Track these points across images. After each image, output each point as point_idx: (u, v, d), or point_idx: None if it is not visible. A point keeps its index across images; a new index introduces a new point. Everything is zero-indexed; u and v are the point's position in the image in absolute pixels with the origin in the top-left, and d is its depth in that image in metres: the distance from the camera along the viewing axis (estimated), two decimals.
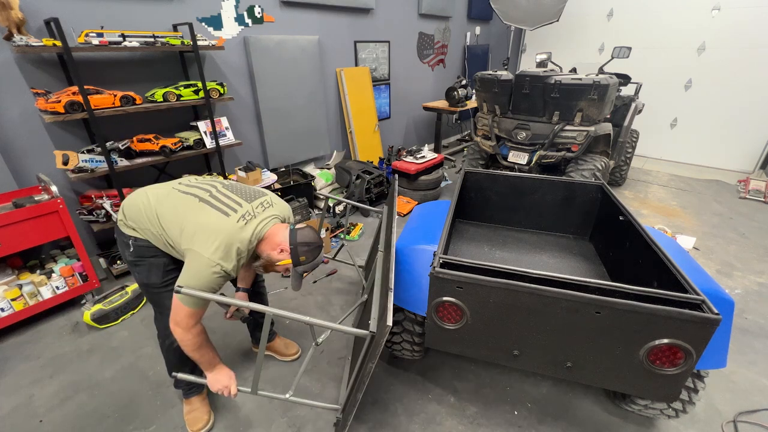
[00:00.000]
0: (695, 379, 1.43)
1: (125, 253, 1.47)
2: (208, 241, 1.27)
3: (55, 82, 2.37)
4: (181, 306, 1.28)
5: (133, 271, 1.50)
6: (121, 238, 1.47)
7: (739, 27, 4.55)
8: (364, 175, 3.71)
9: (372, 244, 2.42)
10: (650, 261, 1.47)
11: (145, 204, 1.40)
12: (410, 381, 1.91)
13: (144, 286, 1.50)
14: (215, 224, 1.31)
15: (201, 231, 1.29)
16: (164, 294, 1.48)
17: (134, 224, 1.41)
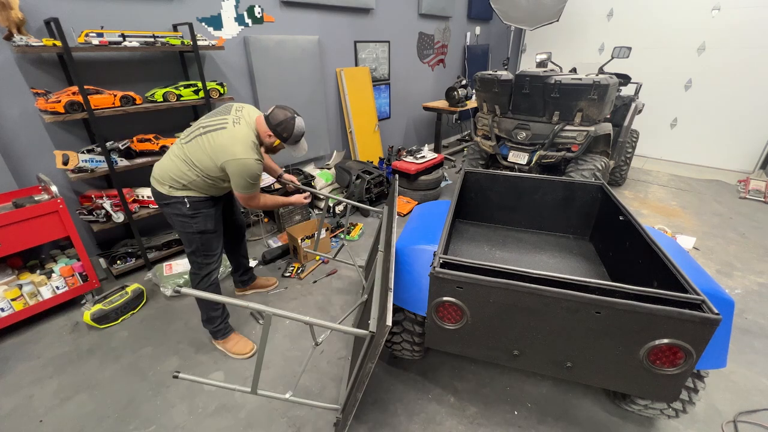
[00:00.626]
0: (695, 379, 1.43)
1: (181, 210, 1.80)
2: (234, 148, 1.69)
3: (55, 82, 2.37)
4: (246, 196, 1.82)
5: (188, 224, 1.82)
6: (174, 201, 1.79)
7: (739, 27, 4.55)
8: (364, 175, 3.71)
9: (372, 244, 2.42)
10: (650, 261, 1.47)
11: (179, 160, 1.75)
12: (410, 381, 1.91)
13: (200, 233, 1.85)
14: (227, 138, 1.70)
15: (223, 148, 1.69)
16: (213, 238, 1.91)
17: (183, 180, 1.75)
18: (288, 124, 1.78)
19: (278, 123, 1.77)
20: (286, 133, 1.79)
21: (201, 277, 1.93)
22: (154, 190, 1.83)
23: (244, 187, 1.76)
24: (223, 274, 2.71)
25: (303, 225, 3.03)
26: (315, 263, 2.90)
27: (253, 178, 1.75)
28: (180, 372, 1.44)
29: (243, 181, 1.74)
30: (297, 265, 2.84)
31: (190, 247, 1.89)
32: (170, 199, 1.79)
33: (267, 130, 1.79)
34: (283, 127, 1.78)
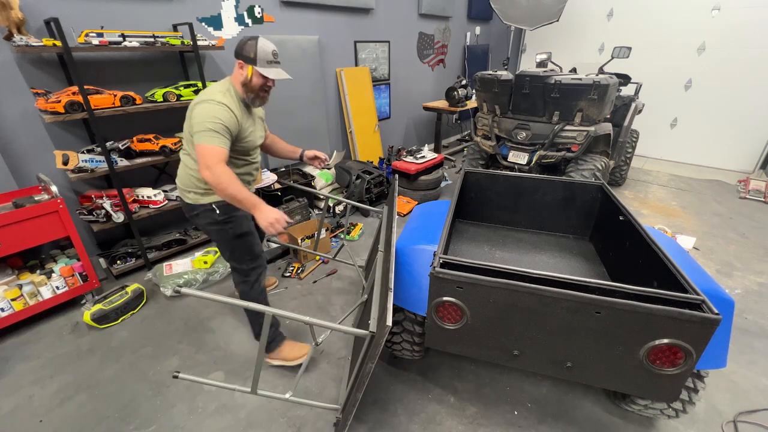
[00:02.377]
0: (695, 379, 1.43)
1: (213, 218, 1.69)
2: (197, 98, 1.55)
3: (55, 82, 2.37)
4: (202, 147, 1.47)
5: (224, 230, 1.73)
6: (202, 209, 1.69)
7: (739, 27, 4.55)
8: (364, 175, 3.71)
9: (372, 244, 2.42)
10: (650, 261, 1.47)
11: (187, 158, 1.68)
12: (410, 381, 1.91)
13: (238, 237, 1.75)
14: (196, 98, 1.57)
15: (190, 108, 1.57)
16: (253, 240, 1.80)
17: (203, 183, 1.63)
18: (249, 43, 1.57)
19: (241, 46, 1.58)
20: (252, 52, 1.57)
21: (251, 285, 1.83)
22: (182, 202, 1.75)
23: (200, 132, 1.46)
24: (222, 275, 2.71)
25: (303, 225, 3.03)
26: (315, 263, 2.90)
27: (212, 120, 1.47)
28: (180, 372, 1.44)
29: (201, 123, 1.46)
30: (297, 265, 2.84)
31: (233, 255, 1.80)
32: (198, 208, 1.70)
33: (237, 64, 1.61)
34: (246, 48, 1.57)
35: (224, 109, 1.51)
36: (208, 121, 1.47)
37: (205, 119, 1.47)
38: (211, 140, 1.47)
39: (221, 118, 1.49)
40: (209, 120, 1.47)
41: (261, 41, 1.58)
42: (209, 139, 1.47)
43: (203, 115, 1.48)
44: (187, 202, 1.72)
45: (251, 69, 1.59)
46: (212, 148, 1.47)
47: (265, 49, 1.58)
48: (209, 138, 1.47)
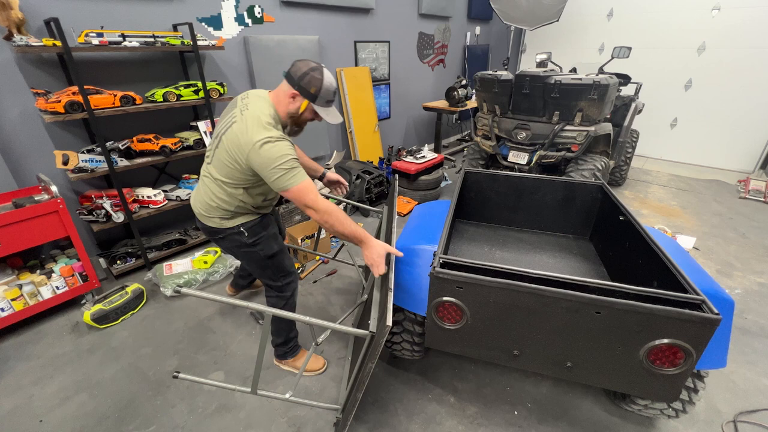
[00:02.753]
0: (695, 379, 1.43)
1: (240, 241, 1.60)
2: (249, 135, 1.35)
3: (55, 82, 2.37)
4: (292, 191, 1.35)
5: (254, 252, 1.64)
6: (229, 233, 1.59)
7: (739, 27, 4.55)
8: (364, 175, 3.71)
9: None
10: (650, 261, 1.47)
11: (214, 185, 1.53)
12: (410, 381, 1.91)
13: (269, 258, 1.66)
14: (240, 129, 1.38)
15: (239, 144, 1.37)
16: (283, 257, 1.72)
17: (231, 207, 1.53)
18: (314, 75, 1.40)
19: (302, 75, 1.39)
20: (314, 86, 1.40)
21: (286, 300, 1.76)
22: (202, 224, 1.63)
23: (281, 177, 1.34)
24: (223, 275, 2.71)
25: (303, 225, 3.03)
26: (315, 263, 2.90)
27: (283, 159, 1.33)
28: (180, 372, 1.44)
29: (275, 169, 1.33)
30: (297, 265, 2.84)
31: (264, 274, 1.73)
32: (224, 231, 1.59)
33: (288, 91, 1.42)
34: (308, 80, 1.39)
35: (284, 142, 1.36)
36: (282, 164, 1.33)
37: (277, 163, 1.33)
38: (294, 180, 1.35)
39: (288, 153, 1.35)
40: (281, 162, 1.33)
41: (326, 77, 1.43)
42: (295, 179, 1.35)
43: (272, 158, 1.33)
44: (208, 225, 1.60)
45: (306, 104, 1.45)
46: (303, 187, 1.36)
47: (328, 88, 1.44)
48: (292, 178, 1.35)
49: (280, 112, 1.46)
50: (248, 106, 1.42)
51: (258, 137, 1.33)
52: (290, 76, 1.42)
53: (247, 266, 1.84)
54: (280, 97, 1.45)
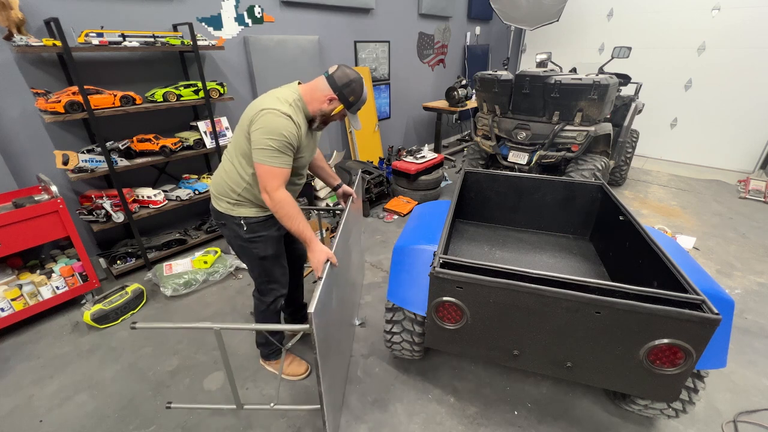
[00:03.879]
0: (695, 379, 1.43)
1: (238, 233, 1.59)
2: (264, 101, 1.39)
3: (55, 82, 2.37)
4: (262, 168, 1.35)
5: (247, 248, 1.61)
6: (231, 222, 1.58)
7: (739, 27, 4.55)
8: (364, 175, 3.71)
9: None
10: (650, 261, 1.47)
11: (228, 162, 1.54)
12: (410, 381, 1.91)
13: (260, 259, 1.64)
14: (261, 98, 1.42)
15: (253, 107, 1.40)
16: (275, 264, 1.69)
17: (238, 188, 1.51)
18: (357, 86, 1.46)
19: (346, 83, 1.43)
20: (354, 96, 1.46)
21: (266, 305, 1.75)
22: (212, 206, 1.63)
23: (263, 150, 1.32)
24: (223, 275, 2.71)
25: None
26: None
27: (276, 136, 1.31)
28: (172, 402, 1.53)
29: (262, 139, 1.32)
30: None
31: (252, 272, 1.73)
32: (227, 218, 1.58)
33: (327, 93, 1.44)
34: (351, 89, 1.44)
35: (289, 123, 1.35)
36: (272, 138, 1.32)
37: (268, 135, 1.32)
38: (272, 160, 1.34)
39: (285, 134, 1.33)
40: (273, 136, 1.32)
41: (365, 90, 1.50)
42: (271, 159, 1.34)
43: (266, 128, 1.32)
44: (216, 209, 1.61)
45: (341, 108, 1.49)
46: (273, 170, 1.35)
47: (364, 100, 1.51)
48: (271, 158, 1.34)
49: (312, 107, 1.47)
50: (280, 89, 1.47)
51: (267, 106, 1.35)
52: (333, 80, 1.44)
53: (240, 259, 1.83)
54: (316, 95, 1.46)
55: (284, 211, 1.40)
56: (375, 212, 3.81)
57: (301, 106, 1.44)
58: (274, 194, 1.37)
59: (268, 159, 1.34)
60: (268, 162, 1.34)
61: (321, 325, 1.23)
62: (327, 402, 1.34)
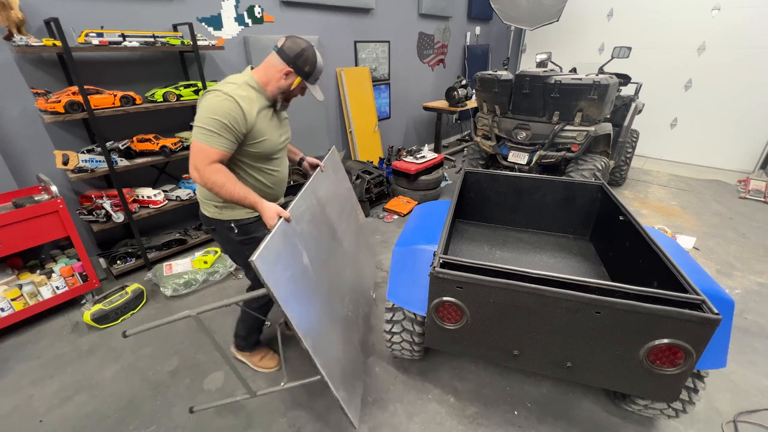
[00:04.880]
0: (695, 379, 1.43)
1: (230, 236, 1.56)
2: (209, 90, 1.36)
3: (55, 82, 2.37)
4: (194, 144, 1.32)
5: (241, 251, 1.58)
6: (221, 226, 1.56)
7: (739, 27, 4.55)
8: (364, 175, 3.71)
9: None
10: (650, 261, 1.47)
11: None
12: (410, 381, 1.91)
13: None
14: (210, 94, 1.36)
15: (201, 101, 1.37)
16: None
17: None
18: (310, 53, 1.41)
19: (299, 53, 1.39)
20: (309, 65, 1.42)
21: (260, 303, 1.74)
22: (201, 212, 1.61)
23: (198, 129, 1.31)
24: (223, 275, 2.71)
25: None
26: None
27: (213, 115, 1.29)
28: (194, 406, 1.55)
29: (200, 117, 1.31)
30: None
31: (249, 273, 1.72)
32: (216, 223, 1.56)
33: (282, 68, 1.41)
34: (304, 58, 1.40)
35: (231, 104, 1.32)
36: (208, 117, 1.30)
37: (205, 113, 1.31)
38: (205, 138, 1.31)
39: (222, 114, 1.30)
40: (210, 115, 1.30)
41: (319, 58, 1.46)
42: (204, 137, 1.31)
43: (204, 107, 1.32)
44: (204, 215, 1.58)
45: (299, 81, 1.45)
46: (204, 148, 1.32)
47: (319, 68, 1.47)
48: (204, 135, 1.31)
49: (269, 88, 1.45)
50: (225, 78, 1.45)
51: (211, 88, 1.35)
52: (284, 52, 1.40)
53: (235, 262, 1.81)
54: (270, 73, 1.43)
55: (217, 185, 1.34)
56: (375, 212, 3.81)
57: (255, 88, 1.42)
58: (203, 172, 1.33)
59: (201, 136, 1.31)
60: (200, 140, 1.31)
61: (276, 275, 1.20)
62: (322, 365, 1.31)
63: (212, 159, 1.33)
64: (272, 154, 1.54)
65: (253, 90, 1.42)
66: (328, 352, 1.43)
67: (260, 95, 1.44)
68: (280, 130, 1.58)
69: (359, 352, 1.81)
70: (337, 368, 1.46)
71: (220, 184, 1.34)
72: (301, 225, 1.50)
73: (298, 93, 1.52)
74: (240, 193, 1.37)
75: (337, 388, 1.39)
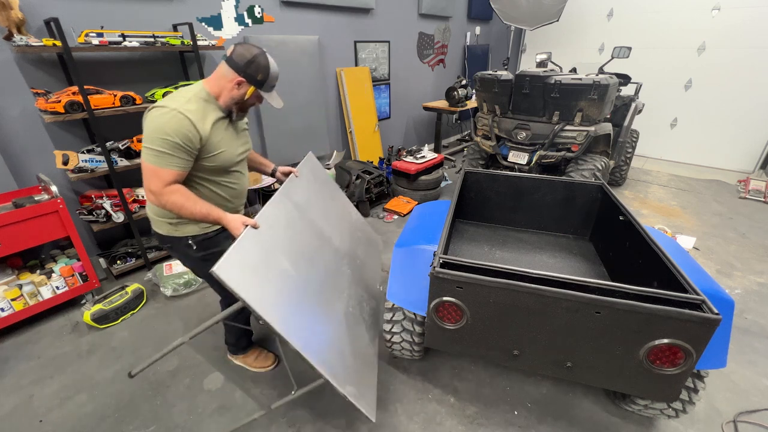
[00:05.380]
0: (695, 379, 1.43)
1: (188, 253, 1.50)
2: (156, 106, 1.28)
3: (55, 82, 2.37)
4: (145, 166, 1.26)
5: (202, 267, 1.51)
6: (178, 243, 1.49)
7: (739, 27, 4.55)
8: (364, 175, 3.71)
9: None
10: (650, 261, 1.47)
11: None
12: (410, 381, 1.91)
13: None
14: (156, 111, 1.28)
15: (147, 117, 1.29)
16: None
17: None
18: (262, 60, 1.35)
19: (249, 61, 1.33)
20: (261, 73, 1.36)
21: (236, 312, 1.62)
22: (154, 231, 1.52)
23: (147, 150, 1.23)
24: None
25: None
26: None
27: (161, 135, 1.21)
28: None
29: (147, 137, 1.23)
30: None
31: (215, 286, 1.66)
32: (172, 241, 1.48)
33: (233, 78, 1.34)
34: (256, 66, 1.34)
35: (180, 119, 1.24)
36: (157, 137, 1.22)
37: (154, 133, 1.23)
38: (157, 161, 1.24)
39: (170, 133, 1.22)
40: (159, 135, 1.22)
41: (271, 62, 1.40)
42: (155, 159, 1.24)
43: (152, 126, 1.24)
44: (158, 232, 1.49)
45: (252, 90, 1.40)
46: (157, 171, 1.25)
47: (274, 74, 1.42)
48: (155, 158, 1.24)
49: (222, 98, 1.39)
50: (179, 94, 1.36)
51: (157, 104, 1.28)
52: (234, 62, 1.34)
53: (198, 276, 1.71)
54: (222, 83, 1.36)
55: (177, 206, 1.29)
56: (375, 212, 3.81)
57: (207, 99, 1.36)
58: (160, 195, 1.28)
59: (152, 158, 1.24)
60: (152, 162, 1.24)
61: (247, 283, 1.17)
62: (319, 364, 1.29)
63: (167, 181, 1.27)
64: (230, 166, 1.48)
65: (204, 102, 1.35)
66: (327, 350, 1.42)
67: (213, 107, 1.38)
68: (238, 141, 1.51)
69: (369, 345, 1.78)
70: (339, 365, 1.45)
71: (180, 205, 1.29)
72: (276, 230, 1.47)
73: (255, 101, 1.47)
74: (201, 211, 1.32)
75: (342, 385, 1.37)
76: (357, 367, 1.56)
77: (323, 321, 1.50)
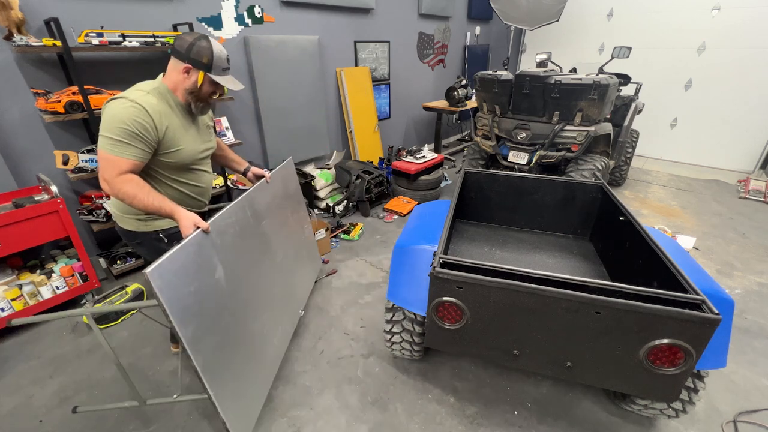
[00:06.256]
0: (695, 379, 1.43)
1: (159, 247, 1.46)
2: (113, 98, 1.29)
3: (55, 82, 2.37)
4: (101, 154, 1.26)
5: None
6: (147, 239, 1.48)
7: (739, 27, 4.55)
8: (364, 175, 3.71)
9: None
10: (650, 261, 1.47)
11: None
12: (410, 381, 1.91)
13: None
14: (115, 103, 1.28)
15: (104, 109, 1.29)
16: None
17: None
18: (201, 45, 1.33)
19: (189, 46, 1.32)
20: (205, 56, 1.34)
21: None
22: (119, 228, 1.50)
23: (103, 138, 1.24)
24: None
25: None
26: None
27: (118, 124, 1.23)
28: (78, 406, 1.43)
29: (105, 126, 1.24)
30: None
31: None
32: (141, 236, 1.46)
33: (180, 67, 1.35)
34: (197, 49, 1.33)
35: (136, 109, 1.25)
36: (114, 125, 1.23)
37: (111, 122, 1.23)
38: (113, 149, 1.24)
39: (128, 122, 1.23)
40: (115, 124, 1.23)
41: (215, 45, 1.37)
42: (111, 147, 1.24)
43: (109, 114, 1.24)
44: (125, 228, 1.46)
45: (203, 75, 1.37)
46: (112, 159, 1.24)
47: (220, 55, 1.38)
48: (111, 146, 1.24)
49: (178, 92, 1.40)
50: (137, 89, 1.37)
51: (117, 95, 1.28)
52: (177, 50, 1.34)
53: None
54: (173, 76, 1.37)
55: (129, 196, 1.27)
56: (375, 212, 3.81)
57: (164, 93, 1.37)
58: (112, 183, 1.26)
59: (108, 147, 1.24)
60: (108, 150, 1.24)
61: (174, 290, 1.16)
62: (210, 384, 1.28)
63: (122, 169, 1.26)
64: (190, 164, 1.47)
65: (162, 97, 1.36)
66: (225, 370, 1.39)
67: (172, 102, 1.39)
68: (200, 138, 1.50)
69: (268, 368, 1.77)
70: (230, 386, 1.41)
71: (132, 195, 1.27)
72: (224, 237, 1.44)
73: (210, 89, 1.43)
74: (154, 203, 1.30)
75: (225, 410, 1.36)
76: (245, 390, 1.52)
77: (233, 341, 1.47)
